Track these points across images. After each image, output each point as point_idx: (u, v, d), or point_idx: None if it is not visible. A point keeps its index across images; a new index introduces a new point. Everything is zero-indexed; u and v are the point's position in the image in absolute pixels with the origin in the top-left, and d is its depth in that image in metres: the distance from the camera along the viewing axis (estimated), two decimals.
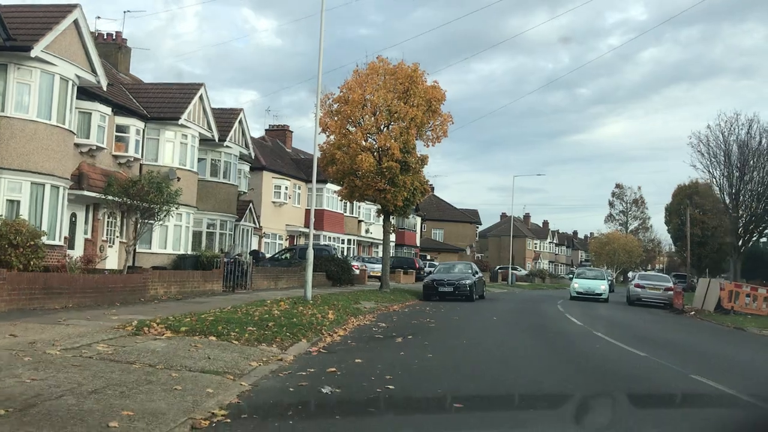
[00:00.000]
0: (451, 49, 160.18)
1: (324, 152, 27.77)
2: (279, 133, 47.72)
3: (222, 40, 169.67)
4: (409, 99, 27.10)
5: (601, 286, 32.87)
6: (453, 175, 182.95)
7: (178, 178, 26.06)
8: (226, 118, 30.48)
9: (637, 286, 31.98)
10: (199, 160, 29.09)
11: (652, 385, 8.94)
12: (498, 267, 71.78)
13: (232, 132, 30.15)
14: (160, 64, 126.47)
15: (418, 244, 64.25)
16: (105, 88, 21.74)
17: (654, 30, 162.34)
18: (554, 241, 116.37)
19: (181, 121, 25.91)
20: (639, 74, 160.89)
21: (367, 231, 52.09)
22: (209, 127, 28.23)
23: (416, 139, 27.72)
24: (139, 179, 18.13)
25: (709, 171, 38.02)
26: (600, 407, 7.11)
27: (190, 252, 26.57)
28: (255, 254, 28.61)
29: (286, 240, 41.49)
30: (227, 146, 29.92)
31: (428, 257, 61.89)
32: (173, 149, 26.53)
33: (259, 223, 36.54)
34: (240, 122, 31.21)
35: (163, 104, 26.54)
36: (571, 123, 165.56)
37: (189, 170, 27.00)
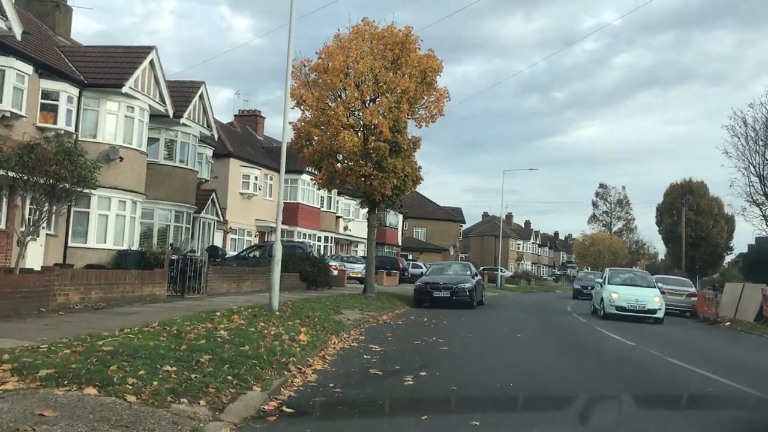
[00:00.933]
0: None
1: (299, 131, 23.39)
2: (249, 119, 43.05)
3: (199, 38, 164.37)
4: (400, 68, 22.82)
5: (655, 298, 21.24)
6: (429, 176, 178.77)
7: (121, 158, 21.59)
8: (183, 92, 25.95)
9: None
10: (151, 140, 24.62)
11: None
12: (482, 268, 67.89)
13: (190, 107, 25.62)
14: None
15: (400, 243, 60.04)
16: (19, 37, 17.19)
17: (627, 35, 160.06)
18: (537, 242, 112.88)
19: (125, 89, 21.37)
20: (612, 79, 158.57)
21: (345, 228, 47.76)
22: (162, 100, 23.69)
23: (408, 117, 23.44)
24: (39, 143, 13.52)
25: (747, 158, 32.01)
26: None
27: (135, 248, 22.06)
28: (213, 251, 24.07)
29: (255, 236, 36.93)
30: (185, 124, 25.38)
31: (410, 257, 57.66)
32: (116, 124, 21.98)
33: (224, 217, 31.99)
34: (201, 97, 26.68)
35: (104, 69, 21.96)
36: (547, 126, 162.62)
37: (135, 149, 22.47)
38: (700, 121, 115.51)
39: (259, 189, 36.26)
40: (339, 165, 23.10)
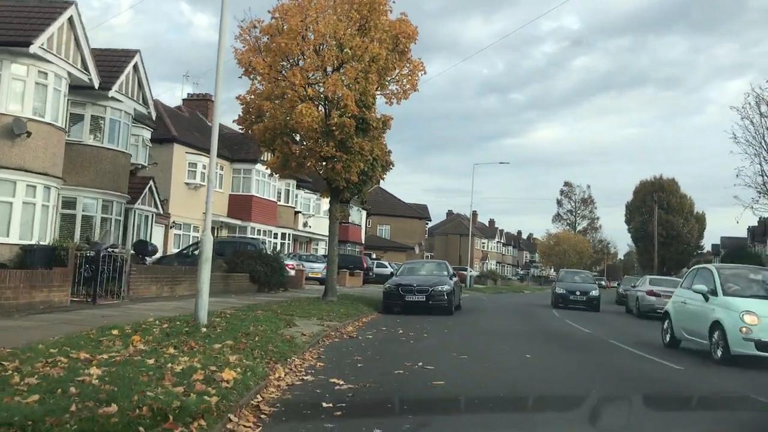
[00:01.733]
0: None
1: (247, 105, 19.80)
2: (199, 104, 39.06)
3: (157, 34, 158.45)
4: (369, 33, 19.38)
5: None
6: (392, 174, 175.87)
7: (28, 133, 17.69)
8: (113, 61, 22.02)
9: (651, 293, 25.09)
10: (75, 117, 20.89)
11: None
12: None
13: (122, 78, 21.72)
14: None
15: (363, 242, 56.61)
16: None
17: (585, 39, 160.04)
18: (502, 241, 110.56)
19: (34, 50, 17.42)
20: (571, 82, 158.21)
21: (305, 224, 44.16)
22: (85, 68, 19.80)
23: (377, 92, 20.05)
24: None
25: (761, 144, 28.00)
26: None
27: (46, 242, 18.20)
28: (141, 247, 20.28)
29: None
30: (114, 98, 21.50)
31: (374, 256, 54.29)
32: (24, 91, 18.06)
33: (165, 210, 28.14)
34: (135, 68, 22.77)
35: (9, 25, 18.01)
36: (505, 127, 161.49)
37: (50, 124, 18.53)
38: (656, 123, 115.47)
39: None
40: (295, 147, 19.60)
